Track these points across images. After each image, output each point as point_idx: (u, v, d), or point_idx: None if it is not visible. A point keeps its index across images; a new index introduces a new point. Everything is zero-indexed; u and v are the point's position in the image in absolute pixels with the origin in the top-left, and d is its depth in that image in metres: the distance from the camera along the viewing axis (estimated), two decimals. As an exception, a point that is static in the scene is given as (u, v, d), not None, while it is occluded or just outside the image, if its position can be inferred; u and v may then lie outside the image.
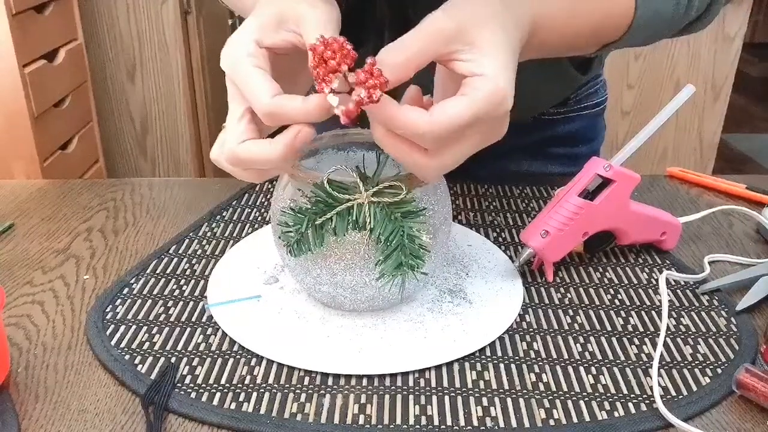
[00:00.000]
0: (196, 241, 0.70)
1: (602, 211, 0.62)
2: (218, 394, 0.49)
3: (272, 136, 0.47)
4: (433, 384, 0.51)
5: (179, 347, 0.54)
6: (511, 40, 0.46)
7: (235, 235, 0.72)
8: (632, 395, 0.50)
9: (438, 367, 0.52)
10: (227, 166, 0.48)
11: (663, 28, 0.63)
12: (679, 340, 0.56)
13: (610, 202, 0.62)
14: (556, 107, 0.86)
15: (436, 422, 0.47)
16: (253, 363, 0.53)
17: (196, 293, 0.61)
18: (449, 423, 0.47)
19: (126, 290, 0.62)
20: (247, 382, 0.51)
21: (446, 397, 0.49)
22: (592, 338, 0.56)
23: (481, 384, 0.51)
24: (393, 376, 0.51)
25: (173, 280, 0.64)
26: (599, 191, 0.63)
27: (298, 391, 0.50)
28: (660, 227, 0.67)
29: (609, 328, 0.57)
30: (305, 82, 0.53)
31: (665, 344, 0.55)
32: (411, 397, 0.50)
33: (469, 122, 0.43)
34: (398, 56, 0.43)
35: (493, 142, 0.47)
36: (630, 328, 0.57)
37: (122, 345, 0.55)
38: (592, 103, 0.88)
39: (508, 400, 0.49)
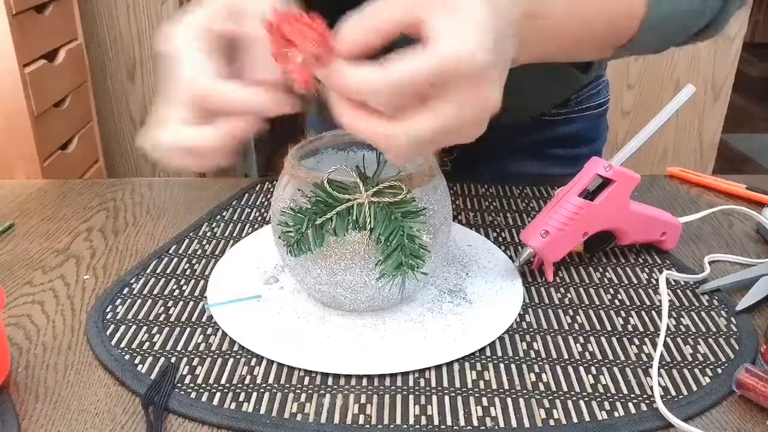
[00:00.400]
0: (196, 241, 0.70)
1: (602, 211, 0.62)
2: (218, 394, 0.49)
3: None
4: (433, 384, 0.51)
5: (179, 347, 0.54)
6: (494, 7, 0.41)
7: (235, 235, 0.72)
8: (632, 395, 0.50)
9: (438, 367, 0.52)
10: (160, 153, 0.46)
11: (676, 31, 0.61)
12: (679, 340, 0.56)
13: (610, 202, 0.62)
14: (557, 108, 0.85)
15: (436, 422, 0.47)
16: (253, 363, 0.53)
17: (196, 293, 0.61)
18: (449, 423, 0.47)
19: (126, 290, 0.62)
20: (247, 382, 0.51)
21: (446, 397, 0.49)
22: (592, 338, 0.56)
23: (481, 384, 0.51)
24: (393, 376, 0.51)
25: (173, 280, 0.64)
26: (599, 191, 0.63)
27: (298, 391, 0.50)
28: (660, 227, 0.67)
29: (609, 328, 0.57)
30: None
31: (665, 344, 0.55)
32: (411, 397, 0.50)
33: (429, 78, 0.39)
34: (356, 25, 0.41)
35: (481, 115, 0.42)
36: (630, 328, 0.57)
37: (122, 345, 0.55)
38: (594, 104, 0.88)
39: (508, 400, 0.49)
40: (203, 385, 0.50)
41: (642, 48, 0.61)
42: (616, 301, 0.61)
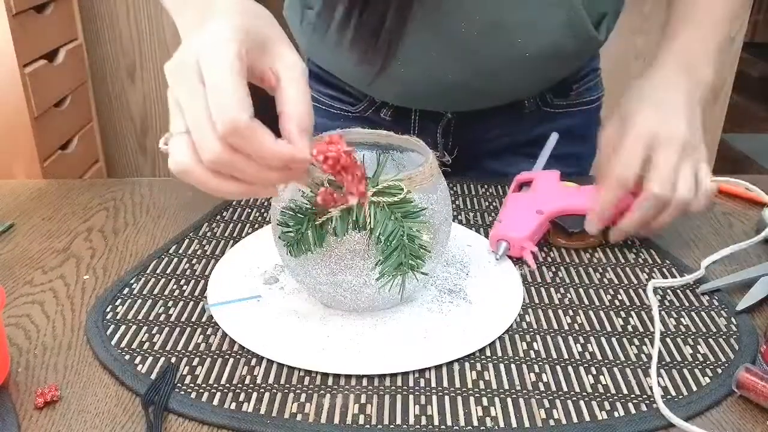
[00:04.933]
0: (196, 241, 0.70)
1: (538, 193, 0.72)
2: (218, 394, 0.49)
3: None
4: (433, 384, 0.51)
5: (179, 347, 0.54)
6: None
7: (235, 235, 0.72)
8: (632, 395, 0.50)
9: (438, 367, 0.52)
10: (199, 173, 0.43)
11: None
12: (679, 340, 0.56)
13: (541, 187, 0.73)
14: (559, 98, 0.86)
15: (436, 422, 0.47)
16: (253, 363, 0.53)
17: (196, 293, 0.61)
18: (449, 423, 0.47)
19: (126, 290, 0.62)
20: (247, 382, 0.51)
21: (446, 397, 0.49)
22: (592, 338, 0.56)
23: (481, 384, 0.51)
24: (393, 376, 0.51)
25: (173, 280, 0.64)
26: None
27: (298, 391, 0.50)
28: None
29: (609, 328, 0.57)
30: None
31: (665, 344, 0.55)
32: (411, 397, 0.50)
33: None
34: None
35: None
36: (630, 329, 0.57)
37: (122, 345, 0.55)
38: (592, 98, 0.90)
39: (508, 400, 0.49)
40: (203, 385, 0.50)
41: None
42: (616, 302, 0.61)
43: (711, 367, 0.53)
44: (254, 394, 0.49)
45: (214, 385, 0.50)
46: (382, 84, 0.75)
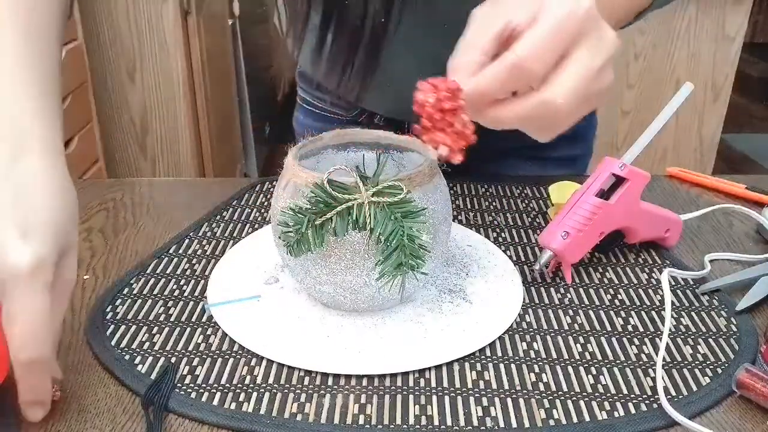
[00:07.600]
0: (196, 241, 0.70)
1: (618, 210, 0.63)
2: (218, 394, 0.49)
3: None
4: (433, 384, 0.51)
5: (179, 347, 0.54)
6: None
7: (235, 235, 0.72)
8: (632, 395, 0.50)
9: (438, 367, 0.52)
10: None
11: None
12: (679, 340, 0.56)
13: (624, 200, 0.63)
14: None
15: (436, 422, 0.47)
16: (253, 363, 0.53)
17: (196, 293, 0.61)
18: (449, 423, 0.47)
19: (126, 290, 0.62)
20: (247, 382, 0.51)
21: (446, 397, 0.49)
22: (592, 338, 0.56)
23: (481, 384, 0.51)
24: (393, 376, 0.51)
25: (173, 280, 0.64)
26: (612, 191, 0.63)
27: (298, 391, 0.50)
28: (664, 224, 0.67)
29: (609, 328, 0.57)
30: None
31: (665, 344, 0.55)
32: (411, 397, 0.50)
33: (553, 38, 0.45)
34: (465, 62, 0.47)
35: (608, 55, 0.46)
36: (630, 328, 0.57)
37: (122, 345, 0.55)
38: None
39: (508, 400, 0.49)
40: (203, 385, 0.50)
41: (659, 6, 0.65)
42: (616, 301, 0.61)
43: (711, 367, 0.53)
44: (254, 394, 0.49)
45: (214, 385, 0.50)
46: (372, 100, 0.74)
